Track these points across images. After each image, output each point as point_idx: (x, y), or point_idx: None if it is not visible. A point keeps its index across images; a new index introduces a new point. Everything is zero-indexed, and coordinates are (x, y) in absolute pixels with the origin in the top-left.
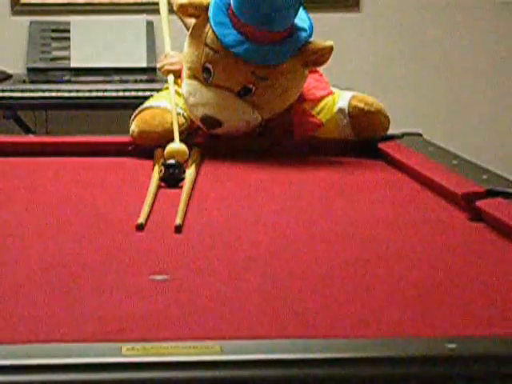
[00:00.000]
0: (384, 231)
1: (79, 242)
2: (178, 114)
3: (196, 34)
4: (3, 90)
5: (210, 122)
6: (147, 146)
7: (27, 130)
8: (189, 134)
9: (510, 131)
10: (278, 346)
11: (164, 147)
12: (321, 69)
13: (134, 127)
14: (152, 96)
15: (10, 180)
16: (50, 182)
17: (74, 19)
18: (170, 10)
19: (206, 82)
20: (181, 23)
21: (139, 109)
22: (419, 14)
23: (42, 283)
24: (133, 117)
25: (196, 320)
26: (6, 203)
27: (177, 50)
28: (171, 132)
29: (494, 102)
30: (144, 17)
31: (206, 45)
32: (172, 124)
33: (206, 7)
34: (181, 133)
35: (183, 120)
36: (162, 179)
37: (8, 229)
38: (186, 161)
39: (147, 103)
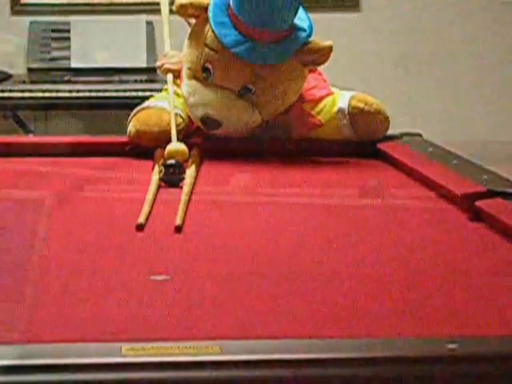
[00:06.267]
0: (383, 232)
1: (79, 241)
2: (176, 114)
3: (196, 35)
4: (3, 90)
5: (209, 122)
6: (144, 146)
7: (27, 130)
8: (187, 134)
9: (510, 131)
10: (277, 346)
11: (164, 147)
12: (321, 69)
13: (130, 127)
14: (151, 97)
15: (10, 180)
16: (49, 182)
17: (73, 19)
18: (171, 10)
19: (205, 82)
20: (184, 23)
21: (136, 109)
22: (419, 14)
23: (41, 283)
24: (130, 117)
25: (196, 320)
26: (5, 203)
27: (176, 49)
28: (168, 132)
29: (495, 102)
30: (144, 17)
31: (206, 45)
32: (169, 124)
33: (206, 7)
34: (178, 132)
35: (180, 120)
36: (162, 179)
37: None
38: (186, 161)
39: (144, 104)
